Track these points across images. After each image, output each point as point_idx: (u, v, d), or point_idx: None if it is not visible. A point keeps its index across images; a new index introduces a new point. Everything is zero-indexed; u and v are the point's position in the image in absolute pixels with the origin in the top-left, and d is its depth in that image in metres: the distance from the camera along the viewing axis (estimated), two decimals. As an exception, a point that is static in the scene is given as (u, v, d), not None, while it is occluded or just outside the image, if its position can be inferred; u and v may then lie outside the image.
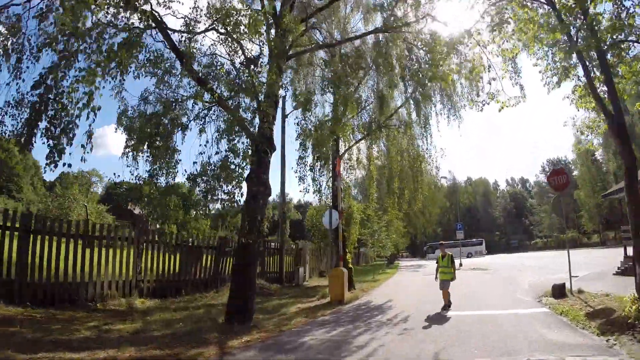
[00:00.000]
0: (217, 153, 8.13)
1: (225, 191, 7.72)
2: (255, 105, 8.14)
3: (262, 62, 8.28)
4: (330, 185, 14.11)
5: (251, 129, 8.17)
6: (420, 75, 10.19)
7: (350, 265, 13.54)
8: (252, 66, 8.08)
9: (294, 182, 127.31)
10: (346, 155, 15.33)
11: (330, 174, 14.93)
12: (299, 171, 10.05)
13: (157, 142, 8.65)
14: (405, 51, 12.02)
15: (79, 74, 5.92)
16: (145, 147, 8.65)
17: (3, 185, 43.89)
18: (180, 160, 8.76)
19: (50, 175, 66.55)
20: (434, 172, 15.20)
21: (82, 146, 6.22)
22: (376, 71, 12.94)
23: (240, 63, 8.22)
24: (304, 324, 7.99)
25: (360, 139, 15.18)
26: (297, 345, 6.15)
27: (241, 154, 7.75)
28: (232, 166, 7.69)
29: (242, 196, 7.87)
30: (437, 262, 9.04)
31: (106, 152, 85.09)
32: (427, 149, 14.77)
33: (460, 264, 26.27)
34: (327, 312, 9.20)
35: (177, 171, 8.68)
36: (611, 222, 46.30)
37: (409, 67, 12.70)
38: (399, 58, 12.36)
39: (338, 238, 11.50)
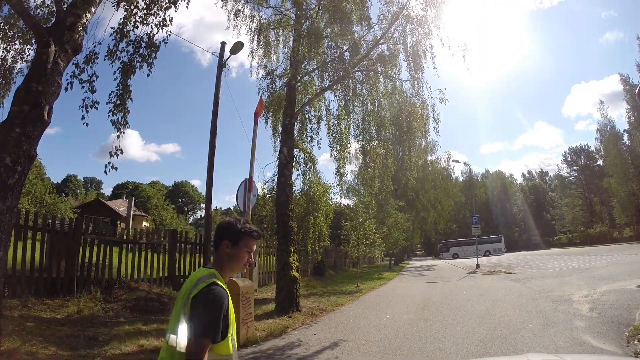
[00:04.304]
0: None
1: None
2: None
3: None
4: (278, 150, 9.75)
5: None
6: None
7: (294, 274, 8.52)
8: None
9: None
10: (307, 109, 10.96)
11: (279, 139, 10.55)
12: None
13: None
14: None
15: None
16: None
17: None
18: None
19: None
20: (432, 138, 10.01)
21: None
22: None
23: None
24: None
25: (326, 88, 10.59)
26: None
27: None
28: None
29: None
30: None
31: (126, 155, 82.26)
32: (417, 92, 9.60)
33: (477, 265, 21.23)
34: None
35: None
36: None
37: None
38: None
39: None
